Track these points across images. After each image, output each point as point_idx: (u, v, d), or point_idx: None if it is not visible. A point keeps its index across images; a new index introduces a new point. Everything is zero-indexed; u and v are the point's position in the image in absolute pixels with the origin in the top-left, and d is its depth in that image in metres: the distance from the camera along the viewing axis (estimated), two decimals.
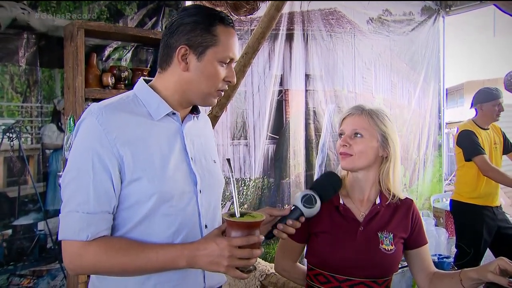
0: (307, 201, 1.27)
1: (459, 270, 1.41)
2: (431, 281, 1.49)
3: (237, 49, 1.21)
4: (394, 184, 1.50)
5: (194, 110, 1.28)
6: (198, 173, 1.21)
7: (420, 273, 1.53)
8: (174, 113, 1.20)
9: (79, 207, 1.06)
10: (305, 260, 1.59)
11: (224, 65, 1.18)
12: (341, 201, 1.51)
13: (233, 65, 1.23)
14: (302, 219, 1.27)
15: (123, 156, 1.09)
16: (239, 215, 1.10)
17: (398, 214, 1.52)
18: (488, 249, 3.28)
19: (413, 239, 1.53)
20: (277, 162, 3.64)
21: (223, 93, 1.23)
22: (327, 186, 1.35)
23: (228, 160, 1.19)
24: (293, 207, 1.28)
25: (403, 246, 1.52)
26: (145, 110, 1.17)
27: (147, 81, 1.24)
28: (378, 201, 1.51)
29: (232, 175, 1.15)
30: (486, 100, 3.27)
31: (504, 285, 1.23)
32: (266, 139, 3.57)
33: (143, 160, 1.11)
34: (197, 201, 1.20)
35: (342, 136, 1.50)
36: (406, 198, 1.56)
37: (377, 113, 1.49)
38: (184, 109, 1.24)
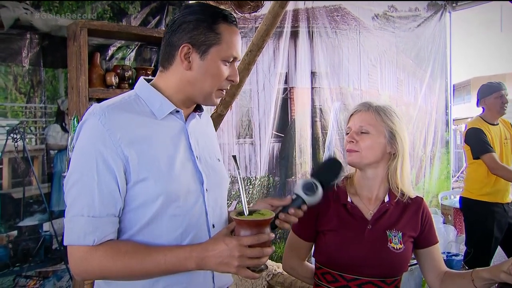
0: (308, 188, 1.23)
1: (471, 270, 1.38)
2: (442, 281, 1.47)
3: (240, 48, 1.18)
4: (402, 181, 1.47)
5: (198, 108, 1.26)
6: (204, 172, 1.19)
7: (431, 272, 1.50)
8: (177, 111, 1.18)
9: (84, 210, 1.04)
10: (313, 259, 1.57)
11: (228, 64, 1.16)
12: (349, 199, 1.49)
13: (237, 64, 1.20)
14: (305, 207, 1.23)
15: (128, 156, 1.07)
16: (247, 213, 1.08)
17: (408, 212, 1.49)
18: (499, 247, 3.24)
19: (423, 238, 1.50)
20: (282, 161, 3.62)
21: (225, 93, 1.21)
22: (327, 171, 1.31)
23: (234, 157, 1.17)
24: (295, 196, 1.24)
25: (413, 245, 1.50)
26: (148, 109, 1.15)
27: (147, 81, 1.21)
28: (387, 199, 1.49)
29: (238, 173, 1.12)
30: (488, 93, 3.24)
31: None
32: (272, 138, 3.55)
33: (149, 160, 1.09)
34: (204, 201, 1.18)
35: (349, 132, 1.48)
36: (417, 196, 1.53)
37: (384, 110, 1.47)
38: (187, 107, 1.22)
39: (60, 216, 2.40)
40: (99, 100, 2.50)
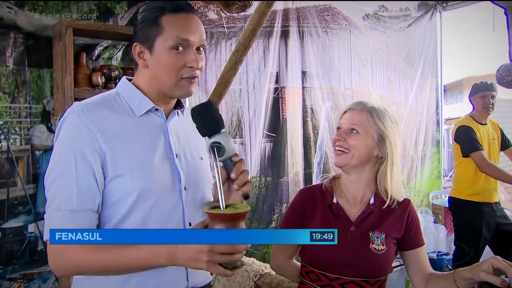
0: (218, 151, 1.10)
1: (453, 271, 1.39)
2: (427, 282, 1.47)
3: (188, 30, 1.13)
4: (392, 186, 1.46)
5: (179, 106, 1.27)
6: (182, 170, 1.18)
7: (416, 275, 1.50)
8: (157, 109, 1.19)
9: (62, 205, 1.06)
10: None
11: (178, 50, 1.13)
12: (334, 200, 1.49)
13: (193, 50, 1.14)
14: (235, 158, 1.12)
15: (105, 152, 1.09)
16: (223, 207, 1.05)
17: (393, 214, 1.49)
18: (487, 246, 3.25)
19: (409, 240, 1.50)
20: (274, 161, 3.61)
21: (194, 80, 1.17)
22: (207, 121, 1.12)
23: (212, 147, 1.10)
24: (221, 164, 1.12)
25: (398, 247, 1.50)
26: (127, 107, 1.17)
27: (129, 80, 1.23)
28: (372, 201, 1.49)
29: (216, 165, 1.09)
30: (474, 92, 3.30)
31: (496, 284, 1.21)
32: (263, 138, 3.54)
33: (126, 156, 1.11)
34: (182, 199, 1.18)
35: (339, 130, 1.48)
36: (404, 198, 1.52)
37: (378, 112, 1.46)
38: (167, 104, 1.22)
39: None
40: None
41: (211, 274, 1.31)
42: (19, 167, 2.32)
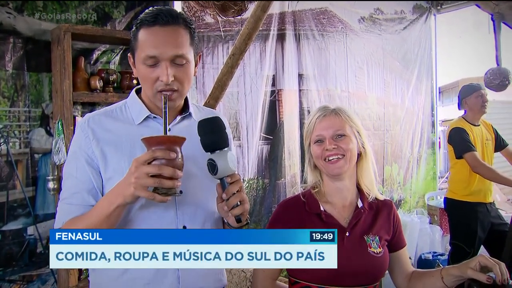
0: (211, 169, 1.12)
1: (440, 268, 1.41)
2: (410, 280, 1.48)
3: (156, 46, 1.14)
4: (371, 181, 1.46)
5: (184, 110, 1.31)
6: None
7: (400, 275, 1.51)
8: (155, 117, 1.26)
9: (65, 200, 1.20)
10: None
11: (150, 65, 1.16)
12: (322, 208, 1.44)
13: (166, 64, 1.15)
14: (228, 179, 1.14)
15: (98, 157, 1.19)
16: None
17: (381, 216, 1.48)
18: (482, 246, 3.28)
19: (395, 241, 1.50)
20: (271, 163, 3.63)
21: (172, 94, 1.18)
22: (208, 138, 1.14)
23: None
24: (219, 181, 1.15)
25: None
26: (130, 115, 1.26)
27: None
28: (360, 204, 1.46)
29: (165, 107, 1.11)
30: (468, 93, 3.32)
31: (483, 281, 1.24)
32: (260, 140, 3.57)
33: (115, 160, 1.19)
34: (175, 201, 1.21)
35: (322, 141, 1.42)
36: (385, 199, 1.52)
37: (346, 110, 1.45)
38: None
39: (45, 220, 2.40)
40: (84, 104, 2.53)
41: (223, 277, 1.33)
42: (19, 170, 2.34)
